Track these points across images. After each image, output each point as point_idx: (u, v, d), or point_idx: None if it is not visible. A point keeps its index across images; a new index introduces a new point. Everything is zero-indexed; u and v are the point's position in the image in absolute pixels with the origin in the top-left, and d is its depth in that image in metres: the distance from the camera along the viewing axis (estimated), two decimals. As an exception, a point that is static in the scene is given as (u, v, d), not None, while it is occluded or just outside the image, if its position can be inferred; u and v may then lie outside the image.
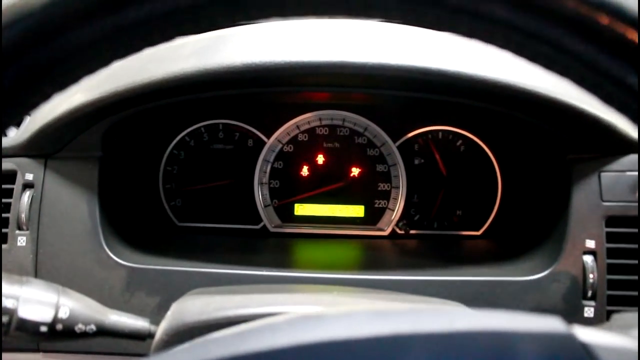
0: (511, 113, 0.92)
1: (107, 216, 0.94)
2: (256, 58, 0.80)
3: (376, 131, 1.18)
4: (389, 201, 1.19)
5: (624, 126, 0.85)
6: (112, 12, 0.31)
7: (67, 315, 0.59)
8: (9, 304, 0.57)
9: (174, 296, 0.80)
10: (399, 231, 1.19)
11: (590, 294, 0.86)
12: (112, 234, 0.94)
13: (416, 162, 1.19)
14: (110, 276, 0.88)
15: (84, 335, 0.61)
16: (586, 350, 0.32)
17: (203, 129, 1.19)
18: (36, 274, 0.89)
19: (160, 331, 0.60)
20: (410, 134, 1.18)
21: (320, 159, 1.19)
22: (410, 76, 0.81)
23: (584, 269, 0.87)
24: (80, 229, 0.90)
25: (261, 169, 1.19)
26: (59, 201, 0.91)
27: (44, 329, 0.58)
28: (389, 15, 0.33)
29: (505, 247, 1.08)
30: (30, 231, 0.89)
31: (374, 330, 0.34)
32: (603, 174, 0.89)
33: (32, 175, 0.91)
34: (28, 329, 0.58)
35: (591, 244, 0.88)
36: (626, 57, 0.30)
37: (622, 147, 0.89)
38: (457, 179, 1.18)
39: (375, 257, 1.08)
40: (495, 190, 1.18)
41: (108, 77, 0.84)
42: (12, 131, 0.94)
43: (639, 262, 0.86)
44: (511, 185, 1.16)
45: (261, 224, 1.20)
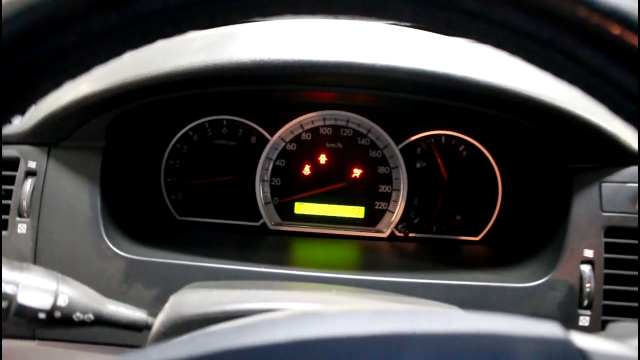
0: (515, 120, 0.92)
1: (108, 207, 0.94)
2: (265, 55, 0.80)
3: (379, 133, 1.18)
4: (389, 203, 1.20)
5: (626, 137, 0.85)
6: (128, 3, 0.31)
7: (65, 303, 0.60)
8: (9, 289, 0.57)
9: (171, 289, 0.80)
10: (398, 234, 1.19)
11: (586, 303, 0.87)
12: (112, 225, 0.94)
13: (418, 165, 1.19)
14: (109, 267, 0.89)
15: (82, 323, 0.61)
16: (583, 357, 0.32)
17: (207, 124, 1.19)
18: (35, 261, 0.89)
19: (157, 323, 0.60)
20: (413, 138, 1.18)
21: (323, 158, 1.20)
22: (417, 79, 0.81)
23: (581, 278, 0.87)
24: (81, 219, 0.91)
25: (263, 166, 1.19)
26: (60, 190, 0.91)
27: (42, 315, 0.58)
28: (401, 17, 0.33)
29: (503, 254, 1.08)
30: (31, 219, 0.90)
31: (376, 329, 0.34)
32: (604, 184, 0.90)
33: (35, 163, 0.91)
34: (27, 315, 0.58)
35: (589, 253, 0.88)
36: (634, 67, 0.30)
37: (624, 158, 0.89)
38: (458, 184, 1.19)
39: (373, 258, 1.08)
40: (496, 196, 1.18)
41: (115, 69, 0.84)
42: (16, 119, 0.94)
43: (638, 273, 0.87)
44: (511, 192, 1.16)
45: (261, 221, 1.20)
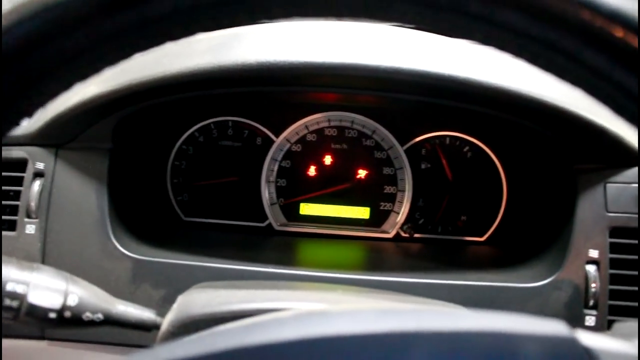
0: (519, 121, 0.93)
1: (116, 208, 0.95)
2: (271, 57, 0.81)
3: (384, 134, 1.18)
4: (394, 204, 1.20)
5: (631, 138, 0.85)
6: (137, 6, 0.32)
7: (75, 302, 0.60)
8: (20, 289, 0.58)
9: (179, 289, 0.80)
10: (403, 234, 1.19)
11: (592, 303, 0.87)
12: (120, 226, 0.95)
13: (423, 166, 1.19)
14: (117, 267, 0.89)
15: (91, 323, 0.62)
16: (589, 355, 0.32)
17: (213, 125, 1.20)
18: (43, 261, 0.90)
19: (166, 323, 0.60)
20: (418, 139, 1.18)
21: (328, 159, 1.20)
22: (421, 81, 0.81)
23: (586, 278, 0.87)
24: (89, 220, 0.91)
25: (269, 167, 1.20)
26: (68, 191, 0.92)
27: (52, 315, 0.59)
28: (404, 19, 0.33)
29: (508, 254, 1.08)
30: (39, 220, 0.90)
31: (382, 328, 0.34)
32: (609, 185, 0.90)
33: (42, 164, 0.92)
34: (37, 314, 0.58)
35: (595, 253, 0.88)
36: (636, 68, 0.30)
37: (628, 159, 0.89)
38: (462, 184, 1.19)
39: (378, 258, 1.09)
40: (500, 197, 1.18)
41: (122, 70, 0.85)
42: (24, 120, 0.95)
43: None
44: (516, 192, 1.17)
45: (267, 222, 1.21)
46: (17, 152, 0.92)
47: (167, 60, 0.84)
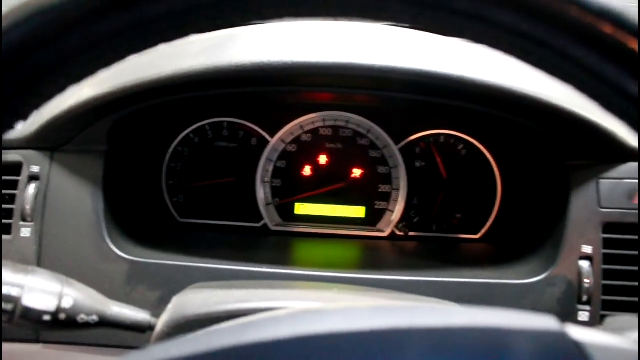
0: (513, 119, 0.93)
1: (111, 210, 0.95)
2: (265, 57, 0.81)
3: (379, 133, 1.19)
4: (389, 203, 1.20)
5: (624, 134, 0.86)
6: (132, 8, 0.32)
7: (70, 305, 0.60)
8: (14, 292, 0.58)
9: (174, 291, 0.80)
10: (399, 233, 1.20)
11: (585, 298, 0.87)
12: (115, 228, 0.95)
13: (417, 164, 1.20)
14: (112, 269, 0.89)
15: (86, 325, 0.62)
16: (579, 349, 0.33)
17: (208, 127, 1.20)
18: (39, 264, 0.90)
19: (160, 323, 0.61)
20: (413, 137, 1.19)
21: (323, 159, 1.20)
22: (415, 79, 0.82)
23: (580, 273, 0.88)
24: (84, 222, 0.91)
25: (264, 167, 1.20)
26: (64, 194, 0.92)
27: (47, 317, 0.59)
28: (396, 18, 0.34)
29: (503, 251, 1.09)
30: (35, 223, 0.90)
31: (370, 325, 0.35)
32: (601, 181, 0.90)
33: (38, 167, 0.92)
34: (32, 317, 0.59)
35: (588, 249, 0.89)
36: (627, 65, 0.31)
37: (621, 155, 0.90)
38: (457, 182, 1.19)
39: (374, 257, 1.09)
40: (495, 194, 1.18)
41: (116, 73, 0.85)
42: (19, 124, 0.95)
43: (639, 268, 0.87)
44: (511, 189, 1.17)
45: (262, 222, 1.21)
46: (12, 156, 0.92)
47: (162, 62, 0.84)
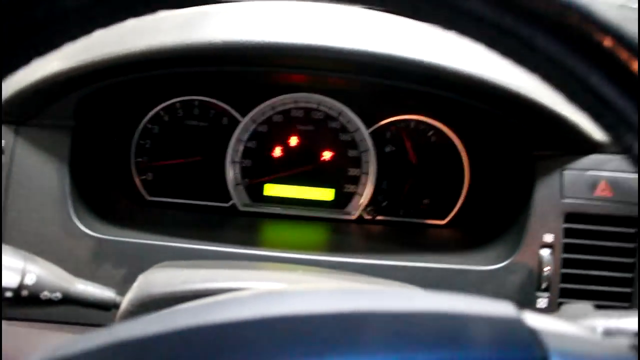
0: (482, 107, 0.95)
1: (77, 186, 0.94)
2: (237, 36, 0.80)
3: (350, 117, 1.19)
4: (358, 186, 1.21)
5: (588, 127, 0.88)
6: None
7: (33, 281, 0.60)
8: (-25, 268, 0.57)
9: (140, 269, 0.80)
10: (367, 216, 1.21)
11: (544, 285, 0.90)
12: (82, 205, 0.94)
13: (387, 149, 1.21)
14: (78, 246, 0.89)
15: (49, 302, 0.61)
16: (533, 335, 0.34)
17: (178, 105, 1.19)
18: (2, 240, 0.88)
19: (125, 302, 0.61)
20: (383, 122, 1.19)
21: (294, 140, 1.20)
22: (388, 64, 0.82)
23: (540, 261, 0.90)
24: (49, 198, 0.90)
25: (234, 147, 1.19)
26: (28, 168, 0.91)
27: (9, 294, 0.58)
28: (382, 3, 0.34)
29: (468, 237, 1.11)
30: None
31: (331, 307, 0.35)
32: (566, 171, 0.93)
33: (2, 141, 0.90)
34: (-7, 293, 0.58)
35: (549, 238, 0.91)
36: (624, 83, 0.31)
37: (586, 147, 0.92)
38: (426, 168, 1.21)
39: (341, 240, 1.10)
40: (462, 181, 1.20)
41: (86, 47, 0.83)
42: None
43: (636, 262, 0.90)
44: (478, 177, 1.19)
45: (231, 202, 1.20)
46: None
47: (132, 37, 0.83)
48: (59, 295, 0.62)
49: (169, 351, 0.32)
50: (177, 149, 1.20)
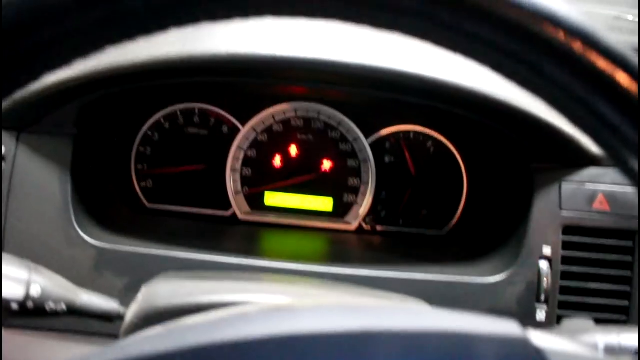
0: (480, 120, 0.95)
1: (79, 194, 0.94)
2: (242, 49, 0.81)
3: (350, 127, 1.20)
4: (357, 196, 1.22)
5: (586, 140, 0.89)
6: (112, 1, 0.32)
7: (38, 293, 0.60)
8: (-20, 279, 0.57)
9: (142, 278, 0.80)
10: (366, 226, 1.22)
11: (543, 298, 0.91)
12: (83, 213, 0.94)
13: (387, 159, 1.21)
14: (79, 255, 0.89)
15: (54, 314, 0.61)
16: (540, 355, 0.34)
17: (179, 112, 1.19)
18: (3, 248, 0.88)
19: (130, 314, 0.61)
20: (383, 132, 1.20)
21: (293, 150, 1.21)
22: (390, 79, 0.83)
23: (539, 274, 0.91)
24: (51, 206, 0.90)
25: (234, 155, 1.20)
26: (30, 176, 0.90)
27: (15, 306, 0.59)
28: (379, 25, 0.34)
29: (466, 249, 1.12)
30: None
31: (339, 325, 0.36)
32: (564, 184, 0.94)
33: (3, 148, 0.90)
34: (-2, 305, 0.58)
35: (547, 250, 0.92)
36: (624, 105, 0.32)
37: (583, 160, 0.93)
38: (424, 179, 1.21)
39: (341, 250, 1.11)
40: (461, 192, 1.21)
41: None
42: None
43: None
44: (476, 188, 1.20)
45: (231, 211, 1.21)
46: None
47: (136, 47, 0.83)
48: (63, 306, 0.62)
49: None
50: (177, 156, 1.20)
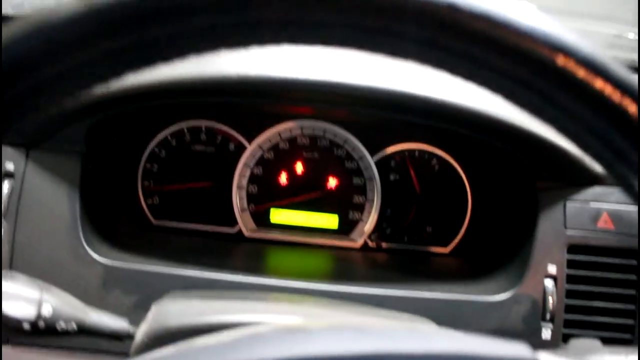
0: (485, 139, 0.96)
1: (87, 211, 0.94)
2: (250, 71, 0.82)
3: (355, 145, 1.21)
4: (362, 213, 1.22)
5: (590, 160, 0.90)
6: (132, 33, 0.32)
7: (50, 313, 0.61)
8: (-7, 299, 0.58)
9: (149, 296, 0.81)
10: (371, 244, 1.22)
11: (549, 316, 0.91)
12: (91, 230, 0.94)
13: (392, 177, 1.22)
14: (87, 273, 0.89)
15: (65, 333, 0.62)
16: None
17: (185, 130, 1.20)
18: (11, 265, 0.89)
19: (140, 333, 0.61)
20: (388, 150, 1.21)
21: (299, 167, 1.22)
22: (397, 100, 0.84)
23: (544, 292, 0.92)
24: (60, 223, 0.91)
25: (241, 173, 1.20)
26: (39, 193, 0.91)
27: (26, 326, 0.59)
28: (411, 58, 0.35)
29: (471, 266, 1.12)
30: (8, 222, 0.89)
31: (350, 347, 0.36)
32: (568, 203, 0.94)
33: (12, 164, 0.91)
34: (11, 325, 0.58)
35: (553, 269, 0.92)
36: (626, 128, 0.33)
37: (588, 178, 0.94)
38: (429, 196, 1.22)
39: (346, 268, 1.11)
40: (465, 210, 1.22)
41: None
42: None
43: None
44: (481, 206, 1.20)
45: (237, 228, 1.21)
46: None
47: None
48: (74, 326, 0.62)
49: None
50: (183, 173, 1.21)
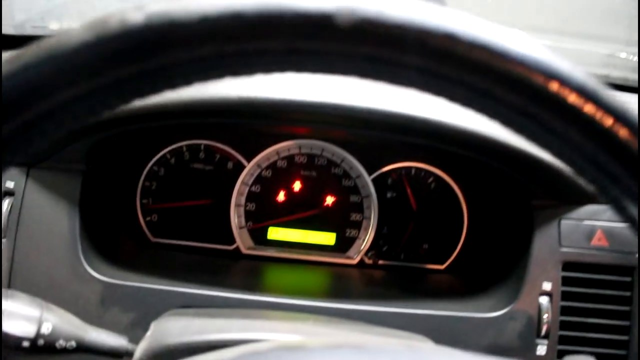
0: (481, 159, 0.98)
1: (86, 229, 0.95)
2: (250, 93, 0.83)
3: (352, 163, 1.22)
4: (359, 231, 1.23)
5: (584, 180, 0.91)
6: (141, 60, 0.33)
7: (49, 331, 0.61)
8: (-7, 318, 0.58)
9: (148, 313, 0.82)
10: (368, 261, 1.23)
11: (544, 333, 0.92)
12: (90, 248, 0.95)
13: (388, 195, 1.23)
14: (86, 290, 0.90)
15: (64, 351, 0.62)
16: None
17: (184, 148, 1.21)
18: (10, 283, 0.89)
19: (139, 351, 0.62)
20: (385, 169, 1.22)
21: (297, 185, 1.23)
22: (394, 122, 0.85)
23: (539, 309, 0.92)
24: (59, 241, 0.91)
25: (239, 191, 1.21)
26: (38, 211, 0.92)
27: (26, 344, 0.59)
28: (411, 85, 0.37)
29: (467, 283, 1.13)
30: (7, 240, 0.90)
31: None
32: (563, 221, 0.96)
33: (12, 183, 0.92)
34: (10, 343, 0.59)
35: (548, 286, 0.93)
36: (624, 158, 0.34)
37: (582, 197, 0.95)
38: (426, 214, 1.23)
39: (343, 285, 1.12)
40: (461, 228, 1.23)
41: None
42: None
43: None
44: (476, 224, 1.21)
45: (234, 245, 1.22)
46: None
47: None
48: (73, 344, 0.63)
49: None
50: (182, 191, 1.22)
